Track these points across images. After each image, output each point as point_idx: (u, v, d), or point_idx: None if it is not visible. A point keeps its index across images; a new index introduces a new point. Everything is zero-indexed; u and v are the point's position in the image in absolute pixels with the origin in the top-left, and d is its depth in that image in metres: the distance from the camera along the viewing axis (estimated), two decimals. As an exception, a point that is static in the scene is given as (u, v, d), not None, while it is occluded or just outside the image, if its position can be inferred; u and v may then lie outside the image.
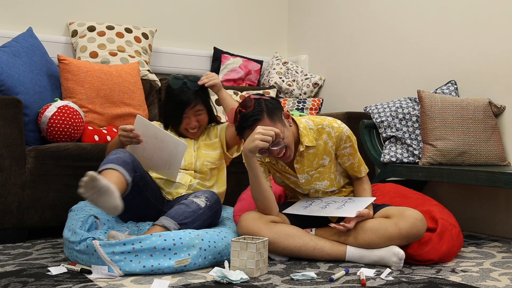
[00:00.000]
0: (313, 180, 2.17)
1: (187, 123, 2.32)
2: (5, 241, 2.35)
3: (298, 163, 2.13)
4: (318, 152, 2.12)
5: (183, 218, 2.01)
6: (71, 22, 3.24)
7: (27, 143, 2.53)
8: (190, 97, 2.28)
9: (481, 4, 2.84)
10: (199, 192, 2.15)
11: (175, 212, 2.03)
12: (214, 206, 2.12)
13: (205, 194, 2.13)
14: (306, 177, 2.16)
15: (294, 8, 4.15)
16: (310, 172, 2.14)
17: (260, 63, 3.85)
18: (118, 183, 1.90)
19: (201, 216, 2.06)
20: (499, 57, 2.75)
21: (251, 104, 1.97)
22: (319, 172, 2.15)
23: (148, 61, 3.32)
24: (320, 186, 2.19)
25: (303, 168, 2.13)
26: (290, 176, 2.19)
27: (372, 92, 3.47)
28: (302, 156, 2.12)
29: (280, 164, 2.16)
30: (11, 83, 2.54)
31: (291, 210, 2.14)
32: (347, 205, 2.11)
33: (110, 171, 1.93)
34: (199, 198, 2.09)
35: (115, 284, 1.71)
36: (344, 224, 2.00)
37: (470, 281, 1.80)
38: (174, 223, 1.99)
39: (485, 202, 2.85)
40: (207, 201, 2.09)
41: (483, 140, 2.66)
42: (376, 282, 1.77)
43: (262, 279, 1.80)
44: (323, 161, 2.14)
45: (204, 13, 3.84)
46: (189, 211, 2.03)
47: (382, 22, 3.42)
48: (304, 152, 2.11)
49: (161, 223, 1.99)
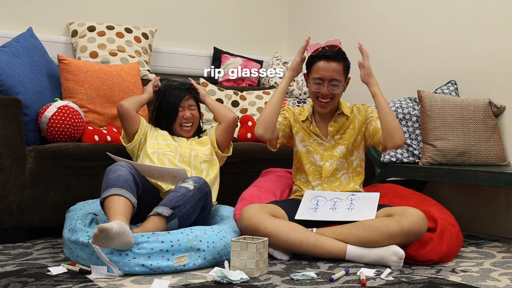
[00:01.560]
0: (336, 145, 2.39)
1: (182, 115, 2.50)
2: (5, 241, 2.35)
3: (332, 126, 2.40)
4: (348, 122, 2.41)
5: (174, 202, 2.03)
6: (71, 22, 3.24)
7: (27, 143, 2.53)
8: (184, 91, 2.55)
9: (481, 4, 2.84)
10: (186, 179, 2.19)
11: (166, 199, 2.06)
12: (202, 187, 2.15)
13: (192, 178, 2.17)
14: (331, 141, 2.39)
15: (294, 8, 4.15)
16: (335, 136, 2.40)
17: (260, 63, 3.85)
18: (126, 211, 1.92)
19: (192, 198, 2.08)
20: (499, 57, 2.75)
21: (338, 46, 2.30)
22: (342, 138, 2.39)
23: (148, 61, 3.32)
24: (337, 151, 2.38)
25: (334, 131, 2.40)
26: (316, 138, 2.41)
27: (372, 92, 3.47)
28: (336, 122, 2.40)
29: (312, 126, 2.42)
30: (11, 83, 2.54)
31: (301, 216, 2.14)
32: (355, 203, 2.17)
33: (115, 198, 1.94)
34: (186, 183, 2.13)
35: (115, 284, 1.71)
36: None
37: (470, 281, 1.80)
38: (166, 208, 2.01)
39: (485, 202, 2.85)
40: (195, 183, 2.13)
41: (483, 140, 2.66)
42: (376, 282, 1.77)
43: (262, 279, 1.80)
44: (348, 129, 2.40)
45: (204, 13, 3.84)
46: (179, 195, 2.06)
47: (382, 22, 3.42)
48: (338, 118, 2.40)
49: (154, 212, 2.01)
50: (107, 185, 1.99)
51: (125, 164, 2.09)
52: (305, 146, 2.42)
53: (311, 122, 2.42)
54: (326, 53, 2.28)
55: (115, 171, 2.04)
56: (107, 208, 1.94)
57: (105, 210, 1.95)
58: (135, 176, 2.09)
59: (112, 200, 1.93)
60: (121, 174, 2.02)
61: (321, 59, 2.28)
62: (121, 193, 1.95)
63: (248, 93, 3.52)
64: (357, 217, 2.07)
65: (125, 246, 1.80)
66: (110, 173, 2.04)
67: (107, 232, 1.71)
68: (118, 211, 1.89)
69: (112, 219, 1.85)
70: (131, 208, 1.97)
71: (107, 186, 1.99)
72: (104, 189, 1.99)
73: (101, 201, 1.99)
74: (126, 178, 2.02)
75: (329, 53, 2.28)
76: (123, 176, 2.02)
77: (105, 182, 2.02)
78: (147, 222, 1.98)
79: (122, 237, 1.76)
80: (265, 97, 3.51)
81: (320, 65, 2.28)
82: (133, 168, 2.12)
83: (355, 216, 2.08)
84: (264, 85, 3.79)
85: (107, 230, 1.71)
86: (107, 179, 2.02)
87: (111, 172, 2.04)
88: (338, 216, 2.10)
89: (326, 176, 2.36)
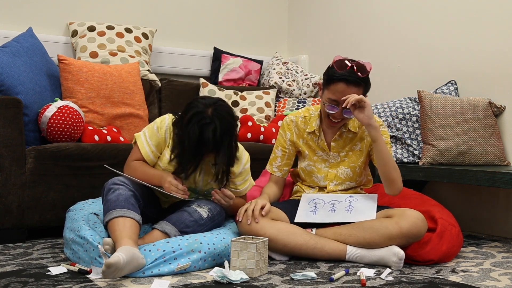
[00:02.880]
0: (340, 163, 2.26)
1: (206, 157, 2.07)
2: (5, 241, 2.35)
3: (335, 141, 2.26)
4: (355, 138, 2.26)
5: (184, 226, 1.98)
6: (71, 22, 3.24)
7: (27, 143, 2.53)
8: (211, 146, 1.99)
9: (481, 5, 2.84)
10: (202, 202, 2.09)
11: (177, 218, 1.99)
12: (216, 217, 2.07)
13: (208, 205, 2.08)
14: (336, 157, 2.26)
15: (294, 8, 4.15)
16: (341, 153, 2.26)
17: (260, 63, 3.85)
18: (132, 232, 1.83)
19: (202, 227, 2.02)
20: (499, 57, 2.75)
21: (368, 71, 2.10)
22: (348, 156, 2.26)
23: (148, 61, 3.32)
24: (343, 173, 2.26)
25: (338, 147, 2.26)
26: (321, 154, 2.27)
27: (372, 92, 3.45)
28: (341, 137, 2.26)
29: (320, 139, 2.27)
30: (11, 83, 2.54)
31: (301, 219, 2.13)
32: (354, 204, 2.14)
33: (119, 220, 1.85)
34: (202, 208, 2.04)
35: (115, 284, 1.71)
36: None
37: (470, 281, 1.80)
38: (175, 230, 1.96)
39: (485, 202, 2.85)
40: (210, 213, 2.05)
41: (483, 140, 2.66)
42: (376, 282, 1.77)
43: (262, 279, 1.79)
44: (355, 147, 2.26)
45: (204, 13, 3.83)
46: (191, 220, 1.99)
47: (382, 22, 3.42)
48: (343, 134, 2.25)
49: (162, 228, 1.96)
50: (108, 207, 1.90)
51: (123, 181, 2.00)
52: (309, 165, 2.29)
53: (319, 136, 2.27)
54: (349, 77, 2.06)
55: (114, 190, 1.94)
56: (111, 231, 1.85)
57: (110, 233, 1.86)
58: (135, 191, 1.99)
59: (116, 223, 1.85)
60: (120, 193, 1.92)
61: (342, 81, 2.07)
62: (124, 213, 1.87)
63: (248, 93, 3.52)
64: (357, 218, 2.07)
65: (137, 269, 1.76)
66: (109, 193, 1.94)
67: (116, 266, 1.64)
68: (123, 234, 1.80)
69: (119, 244, 1.77)
70: (137, 226, 1.88)
71: (108, 208, 1.90)
72: (106, 211, 1.90)
73: (104, 224, 1.92)
74: (126, 196, 1.93)
75: (353, 77, 2.06)
76: (123, 194, 1.92)
77: (105, 203, 1.93)
78: (151, 236, 1.95)
79: (132, 263, 1.71)
80: (265, 97, 3.51)
81: (339, 88, 2.07)
82: (131, 183, 2.01)
83: (355, 217, 2.08)
84: (264, 85, 3.79)
85: (115, 264, 1.63)
86: (107, 200, 1.93)
87: (110, 192, 1.94)
88: (338, 218, 2.09)
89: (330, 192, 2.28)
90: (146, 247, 1.86)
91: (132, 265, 1.72)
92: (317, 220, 2.10)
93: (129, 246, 1.74)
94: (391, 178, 2.12)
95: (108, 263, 1.62)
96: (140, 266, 1.76)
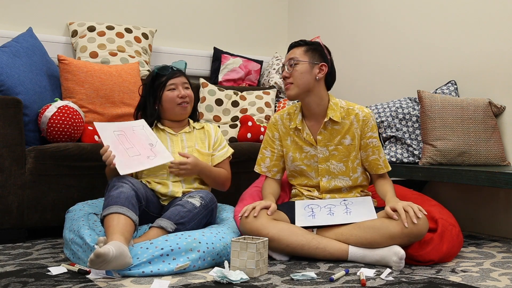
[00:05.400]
0: (330, 157, 2.22)
1: (177, 94, 2.30)
2: (5, 241, 2.35)
3: (321, 134, 2.22)
4: (342, 130, 2.22)
5: (179, 218, 2.02)
6: (71, 22, 3.24)
7: (27, 143, 2.53)
8: (175, 71, 2.36)
9: (481, 4, 2.84)
10: (193, 193, 2.17)
11: (171, 213, 2.04)
12: (209, 204, 2.13)
13: (199, 193, 2.15)
14: (324, 152, 2.22)
15: (294, 8, 4.15)
16: (329, 147, 2.22)
17: (260, 63, 3.85)
18: (126, 230, 1.84)
19: (197, 215, 2.07)
20: (499, 57, 2.75)
21: (315, 40, 2.28)
22: (337, 149, 2.22)
23: (148, 61, 3.32)
24: (335, 168, 2.22)
25: (324, 141, 2.22)
26: (309, 149, 2.24)
27: (372, 92, 3.47)
28: (326, 129, 2.22)
29: (305, 133, 2.23)
30: (11, 83, 2.54)
31: (301, 223, 2.11)
32: (350, 207, 2.14)
33: (115, 217, 1.87)
34: (193, 198, 2.11)
35: (115, 284, 1.71)
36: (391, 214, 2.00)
37: (470, 281, 1.80)
38: (170, 223, 1.99)
39: (485, 202, 2.85)
40: (202, 200, 2.11)
41: (483, 140, 2.66)
42: (376, 282, 1.77)
43: (262, 279, 1.80)
44: (345, 140, 2.22)
45: (204, 13, 3.84)
46: (185, 210, 2.04)
47: (382, 22, 3.42)
48: (328, 125, 2.21)
49: (158, 224, 1.99)
50: (108, 202, 1.92)
51: (128, 179, 2.04)
52: (298, 166, 2.28)
53: (304, 130, 2.24)
54: (295, 42, 2.26)
55: (117, 187, 1.97)
56: (106, 226, 1.87)
57: (105, 228, 1.88)
58: (138, 191, 2.03)
59: (112, 218, 1.86)
60: (123, 191, 1.95)
61: (291, 47, 2.26)
62: (122, 211, 1.88)
63: (248, 93, 3.52)
64: (358, 218, 2.06)
65: (123, 267, 1.76)
66: (112, 189, 1.98)
67: (104, 257, 1.66)
68: (116, 230, 1.82)
69: (110, 239, 1.78)
70: (132, 226, 1.89)
71: (108, 203, 1.92)
72: (105, 206, 1.92)
73: (101, 218, 1.93)
74: (128, 194, 1.95)
75: (293, 43, 2.25)
76: (125, 192, 1.95)
77: (106, 198, 1.95)
78: (149, 234, 1.96)
79: (119, 259, 1.72)
80: (265, 97, 3.51)
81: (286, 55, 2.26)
82: (136, 183, 2.06)
83: (356, 218, 2.07)
84: (264, 85, 3.79)
85: (104, 255, 1.66)
86: (108, 195, 1.96)
87: (113, 189, 1.98)
88: (339, 220, 2.08)
89: (325, 191, 2.27)
90: (143, 244, 1.86)
91: (119, 262, 1.73)
92: (319, 223, 2.09)
93: (120, 242, 1.76)
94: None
95: (97, 252, 1.66)
96: (126, 265, 1.77)
